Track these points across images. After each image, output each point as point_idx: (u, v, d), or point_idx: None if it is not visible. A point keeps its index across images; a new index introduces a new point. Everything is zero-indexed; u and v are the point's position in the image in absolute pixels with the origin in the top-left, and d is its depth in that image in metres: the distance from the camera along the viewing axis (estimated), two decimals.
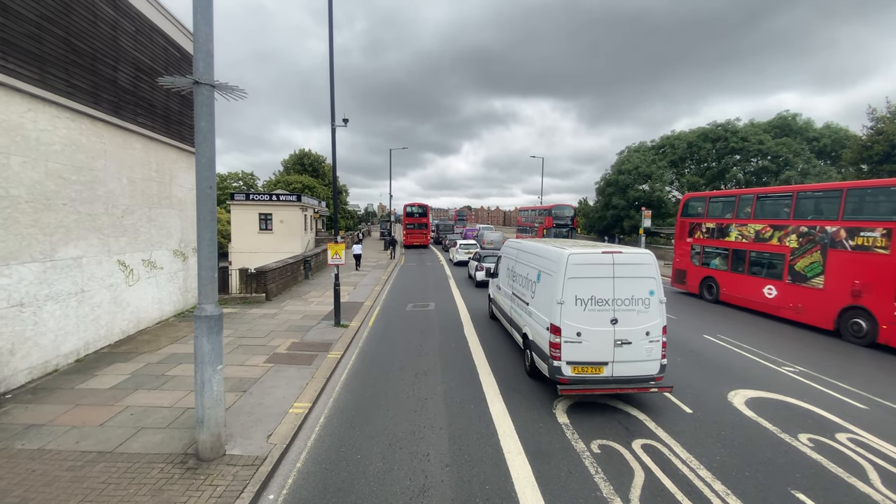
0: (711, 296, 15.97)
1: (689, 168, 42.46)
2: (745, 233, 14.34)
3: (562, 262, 6.99)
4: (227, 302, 14.26)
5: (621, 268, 6.94)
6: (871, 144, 16.60)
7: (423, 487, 4.91)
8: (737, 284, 14.72)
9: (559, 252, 7.22)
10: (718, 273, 15.62)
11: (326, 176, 56.74)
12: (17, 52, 7.21)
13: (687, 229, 17.31)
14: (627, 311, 6.86)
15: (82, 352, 8.79)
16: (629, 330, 6.82)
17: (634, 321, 6.85)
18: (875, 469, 5.39)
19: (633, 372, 6.88)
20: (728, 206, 15.65)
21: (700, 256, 16.56)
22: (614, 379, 6.87)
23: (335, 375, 8.34)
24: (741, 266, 14.55)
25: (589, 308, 6.84)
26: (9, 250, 7.17)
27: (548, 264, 7.69)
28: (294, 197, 33.67)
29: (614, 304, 6.85)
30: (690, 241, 17.09)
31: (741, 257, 14.56)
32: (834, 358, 9.89)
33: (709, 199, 16.89)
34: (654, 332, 6.87)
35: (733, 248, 14.90)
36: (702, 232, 16.48)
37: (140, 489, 4.63)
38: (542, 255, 8.19)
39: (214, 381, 5.13)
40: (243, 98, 5.46)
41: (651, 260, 7.13)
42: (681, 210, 17.96)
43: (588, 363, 6.82)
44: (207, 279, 5.14)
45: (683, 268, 17.51)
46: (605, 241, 24.81)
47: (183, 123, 12.61)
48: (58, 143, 8.19)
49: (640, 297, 6.90)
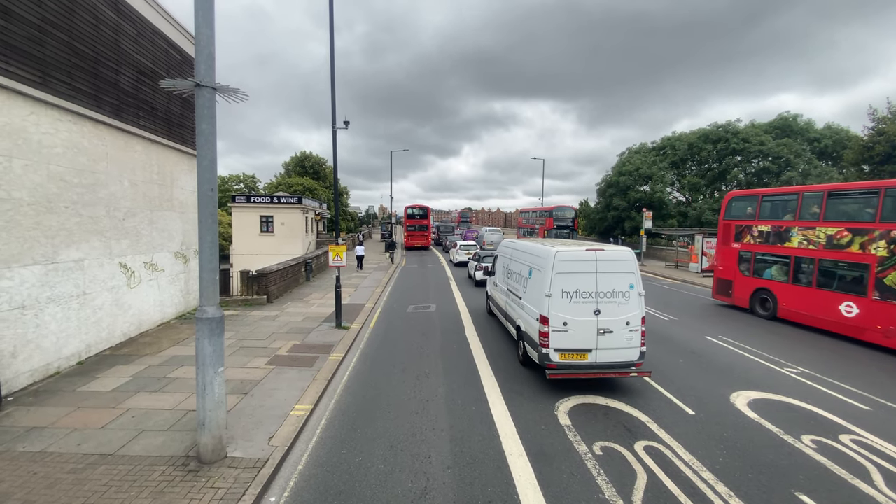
0: (766, 311, 13.71)
1: (690, 169, 42.40)
2: (813, 237, 12.12)
3: (550, 259, 7.71)
4: (228, 304, 14.27)
5: (603, 264, 7.65)
6: (873, 145, 16.58)
7: (425, 490, 4.90)
8: (802, 299, 12.49)
9: (548, 250, 7.93)
10: (776, 285, 13.35)
11: (327, 178, 56.82)
12: (19, 55, 7.24)
13: (732, 233, 15.01)
14: (609, 302, 7.55)
15: (84, 354, 8.80)
16: (611, 320, 7.52)
17: (615, 312, 7.54)
18: (879, 470, 5.37)
19: (614, 358, 7.57)
20: (787, 206, 13.37)
21: (750, 265, 14.29)
22: (597, 364, 7.58)
23: (336, 377, 8.33)
24: (807, 277, 12.35)
25: (574, 300, 7.54)
26: (11, 253, 7.18)
27: (538, 261, 8.39)
28: (295, 199, 33.71)
29: (597, 296, 7.55)
30: (737, 247, 14.77)
31: (807, 267, 12.34)
32: (836, 359, 9.85)
33: (761, 197, 14.37)
34: (634, 322, 7.55)
35: (796, 256, 12.65)
36: (753, 236, 14.22)
37: (141, 492, 4.62)
38: (533, 252, 8.87)
39: (216, 383, 5.13)
40: (244, 100, 5.47)
41: (630, 256, 7.78)
42: (723, 211, 15.59)
43: (573, 350, 7.55)
44: (209, 281, 5.14)
45: (728, 277, 15.15)
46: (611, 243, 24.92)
47: (184, 126, 12.65)
48: (60, 145, 8.21)
49: (620, 290, 7.59)
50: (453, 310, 14.42)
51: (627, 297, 7.59)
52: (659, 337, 11.34)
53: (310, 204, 36.88)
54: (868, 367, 9.32)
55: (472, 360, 9.38)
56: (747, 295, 14.38)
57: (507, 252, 11.12)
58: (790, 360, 9.65)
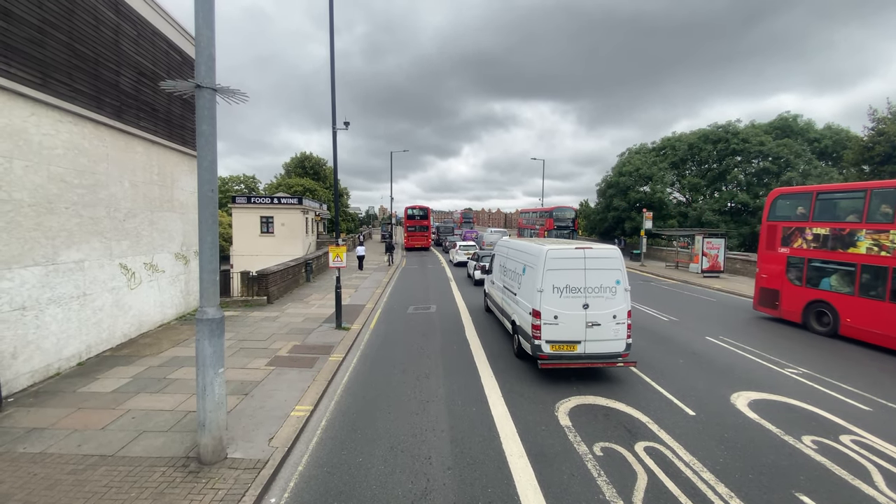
0: (824, 327, 11.92)
1: (690, 170, 42.40)
2: (887, 242, 10.46)
3: (541, 257, 8.26)
4: (228, 305, 14.27)
5: (591, 261, 8.17)
6: (873, 145, 16.58)
7: (425, 490, 4.90)
8: (871, 314, 10.72)
9: (540, 248, 8.49)
10: (836, 297, 11.59)
11: (327, 179, 56.85)
12: (19, 56, 7.25)
13: (779, 236, 13.25)
14: (597, 297, 8.08)
15: (84, 355, 8.80)
16: (599, 314, 8.05)
17: (603, 306, 8.06)
18: (879, 471, 5.36)
19: (602, 349, 8.10)
20: (851, 205, 11.61)
21: (803, 273, 12.49)
22: (586, 355, 8.10)
23: (337, 378, 8.33)
24: (878, 289, 10.63)
25: (564, 295, 8.07)
26: (11, 254, 7.19)
27: (531, 259, 8.88)
28: (295, 200, 33.75)
29: (586, 291, 8.07)
30: (786, 252, 12.98)
31: (879, 277, 10.63)
32: (836, 360, 9.85)
33: (815, 194, 12.39)
34: (620, 315, 8.10)
35: (863, 264, 10.95)
36: (806, 240, 12.42)
37: (142, 493, 4.62)
38: (526, 251, 9.45)
39: (216, 384, 5.13)
40: (244, 101, 5.48)
41: (617, 254, 8.33)
42: (767, 210, 13.80)
43: (564, 342, 8.08)
44: (209, 282, 5.14)
45: (774, 287, 13.34)
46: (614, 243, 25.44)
47: (185, 127, 12.66)
48: (60, 147, 8.22)
49: (607, 286, 8.11)
50: (453, 310, 14.41)
51: (614, 292, 8.12)
52: (659, 337, 11.34)
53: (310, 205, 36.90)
54: (868, 368, 9.31)
55: (473, 360, 9.38)
56: (799, 308, 12.59)
57: (503, 251, 11.66)
58: (791, 360, 9.64)
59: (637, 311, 14.61)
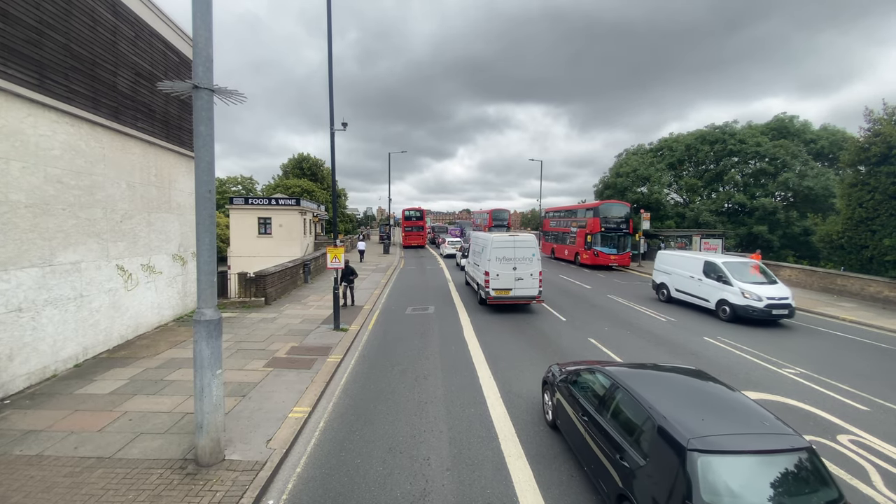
0: None
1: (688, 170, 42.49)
2: None
3: (490, 241, 14.10)
4: (226, 306, 14.23)
5: (518, 242, 13.94)
6: (869, 146, 16.64)
7: (424, 492, 4.89)
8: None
9: (489, 236, 14.61)
10: None
11: (325, 180, 56.81)
12: (16, 57, 7.23)
13: None
14: (520, 263, 13.80)
15: (81, 357, 8.76)
16: (522, 272, 13.81)
17: (524, 268, 13.82)
18: (877, 470, 5.38)
19: (524, 293, 13.87)
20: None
21: None
22: (515, 297, 13.90)
23: (335, 379, 8.31)
24: None
25: (502, 262, 13.81)
26: (7, 255, 7.15)
27: (485, 243, 14.57)
28: (293, 201, 33.67)
29: (514, 260, 13.81)
30: None
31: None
32: (834, 359, 9.88)
33: None
34: (535, 273, 13.86)
35: None
36: None
37: (139, 495, 4.60)
38: (483, 238, 15.34)
39: (214, 385, 5.12)
40: (242, 102, 5.47)
41: (532, 238, 14.26)
42: None
43: (502, 289, 13.86)
44: (206, 283, 5.13)
45: None
46: None
47: (182, 128, 12.63)
48: (57, 148, 8.19)
49: (526, 257, 13.87)
50: (452, 310, 14.39)
51: (531, 260, 13.87)
52: (657, 339, 11.36)
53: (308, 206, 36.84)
54: (866, 368, 9.35)
55: (471, 361, 9.37)
56: None
57: (474, 241, 17.53)
58: (788, 360, 9.67)
59: (636, 311, 14.74)
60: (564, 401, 5.67)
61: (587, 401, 5.13)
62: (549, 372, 6.64)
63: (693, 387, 4.53)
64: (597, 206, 28.36)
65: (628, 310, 14.96)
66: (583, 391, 5.33)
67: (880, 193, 16.05)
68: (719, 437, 3.52)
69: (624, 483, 3.96)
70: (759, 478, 3.38)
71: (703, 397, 4.28)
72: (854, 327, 13.10)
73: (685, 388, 4.51)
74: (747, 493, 3.25)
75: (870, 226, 16.57)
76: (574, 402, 5.36)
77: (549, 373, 6.62)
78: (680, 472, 3.40)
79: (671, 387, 4.52)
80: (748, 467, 3.42)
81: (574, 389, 5.52)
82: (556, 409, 5.97)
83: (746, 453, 3.47)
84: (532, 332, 11.92)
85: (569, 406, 5.49)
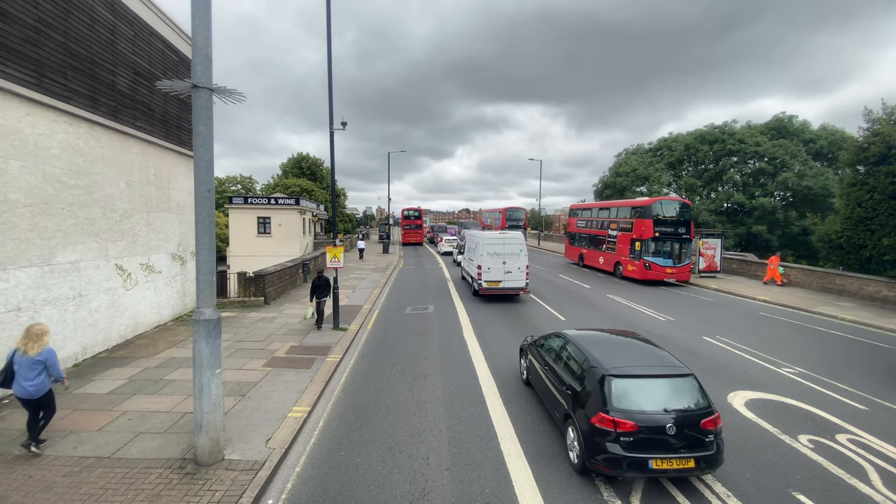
0: None
1: (687, 170, 42.55)
2: None
3: (482, 238, 16.03)
4: (225, 306, 14.22)
5: (507, 239, 15.80)
6: (868, 146, 16.66)
7: (423, 491, 4.89)
8: None
9: (482, 234, 16.71)
10: None
11: (325, 179, 56.77)
12: (15, 56, 7.21)
13: None
14: (509, 257, 15.55)
15: (80, 356, 8.75)
16: (510, 266, 15.56)
17: (512, 262, 15.56)
18: (876, 470, 5.39)
19: (512, 285, 15.61)
20: None
21: None
22: (504, 288, 15.65)
23: (334, 379, 8.31)
24: None
25: (493, 257, 15.53)
26: (6, 255, 7.14)
27: (478, 240, 16.41)
28: (292, 200, 33.62)
29: (504, 255, 15.54)
30: None
31: None
32: (833, 359, 9.90)
33: None
34: (522, 267, 15.61)
35: None
36: None
37: (138, 494, 4.60)
38: (477, 236, 17.16)
39: (213, 385, 5.11)
40: (241, 101, 5.47)
41: (520, 235, 16.24)
42: None
43: (493, 281, 15.60)
44: (206, 283, 5.13)
45: None
46: None
47: (181, 127, 12.62)
48: (56, 147, 8.18)
49: (514, 252, 15.61)
50: (451, 310, 14.39)
51: (518, 255, 15.60)
52: (656, 338, 11.35)
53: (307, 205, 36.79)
54: (865, 367, 9.36)
55: (471, 361, 9.37)
56: None
57: (469, 239, 19.38)
58: (787, 359, 9.68)
59: (634, 311, 14.75)
60: (534, 359, 7.42)
61: (548, 356, 6.82)
62: (525, 341, 8.32)
63: (621, 342, 6.36)
64: (648, 205, 21.74)
65: None
66: (546, 351, 7.01)
67: (879, 193, 16.08)
68: (626, 367, 5.29)
69: (568, 405, 5.65)
70: (651, 392, 5.11)
71: (626, 348, 6.08)
72: (853, 327, 13.12)
73: (615, 342, 6.32)
74: (642, 401, 4.97)
75: (869, 225, 16.60)
76: (540, 358, 7.09)
77: (525, 341, 8.31)
78: (600, 390, 5.10)
79: (605, 342, 6.24)
80: (644, 385, 5.17)
81: (540, 350, 7.22)
82: (528, 368, 7.73)
83: (642, 377, 5.23)
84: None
85: (536, 362, 7.24)
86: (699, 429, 4.81)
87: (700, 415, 4.89)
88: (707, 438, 4.81)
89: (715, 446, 4.83)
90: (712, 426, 4.87)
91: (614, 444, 4.76)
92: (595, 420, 4.90)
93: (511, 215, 41.70)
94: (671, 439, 4.74)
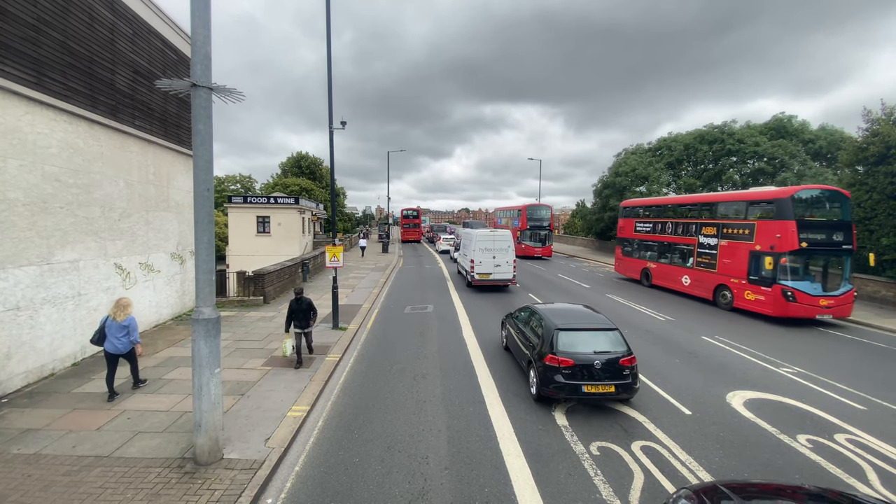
0: None
1: (687, 170, 42.53)
2: None
3: (475, 236, 18.18)
4: (224, 305, 14.21)
5: (497, 236, 18.03)
6: (867, 146, 16.67)
7: (423, 490, 4.89)
8: None
9: (475, 232, 18.56)
10: None
11: (324, 178, 56.78)
12: (14, 55, 7.20)
13: None
14: (498, 252, 17.76)
15: (79, 355, 8.74)
16: (500, 260, 17.77)
17: (502, 257, 17.78)
18: (874, 470, 5.41)
19: (501, 277, 17.89)
20: None
21: None
22: (493, 280, 17.87)
23: (333, 378, 8.31)
24: None
25: (484, 252, 17.77)
26: (5, 254, 7.13)
27: (471, 237, 18.57)
28: (292, 200, 33.60)
29: (494, 251, 17.77)
30: None
31: None
32: (832, 359, 9.91)
33: None
34: (510, 261, 17.86)
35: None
36: None
37: (137, 493, 4.60)
38: (470, 234, 19.11)
39: (212, 384, 5.11)
40: (240, 100, 5.46)
41: (508, 233, 18.40)
42: None
43: (484, 273, 17.80)
44: (205, 282, 5.12)
45: None
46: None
47: (180, 126, 12.60)
48: (55, 146, 8.16)
49: (503, 248, 17.83)
50: (451, 310, 14.40)
51: (507, 251, 17.83)
52: (655, 338, 11.37)
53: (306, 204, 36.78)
54: (864, 367, 9.38)
55: (470, 360, 9.37)
56: None
57: (463, 236, 21.69)
58: (786, 359, 9.70)
59: (634, 311, 14.76)
60: (510, 327, 9.45)
61: (520, 323, 8.87)
62: (505, 316, 10.43)
63: (572, 309, 8.34)
64: (785, 197, 13.41)
65: None
66: (518, 320, 9.07)
67: (878, 193, 16.10)
68: (569, 323, 7.38)
69: (530, 353, 7.64)
70: (585, 340, 7.07)
71: (574, 313, 8.06)
72: (852, 327, 13.14)
73: (568, 311, 8.22)
74: (579, 346, 6.94)
75: (868, 225, 16.61)
76: (514, 325, 9.14)
77: (505, 316, 10.42)
78: (550, 340, 7.11)
79: (560, 310, 8.20)
80: (580, 335, 7.14)
81: (515, 320, 9.23)
82: (507, 336, 9.72)
83: (580, 329, 7.24)
84: None
85: (512, 329, 9.29)
86: (619, 365, 6.69)
87: (620, 356, 6.77)
88: (624, 372, 6.68)
89: (631, 377, 6.70)
90: (628, 364, 6.74)
91: (558, 376, 6.68)
92: (546, 360, 6.88)
93: (533, 214, 34.23)
94: (598, 372, 6.65)
